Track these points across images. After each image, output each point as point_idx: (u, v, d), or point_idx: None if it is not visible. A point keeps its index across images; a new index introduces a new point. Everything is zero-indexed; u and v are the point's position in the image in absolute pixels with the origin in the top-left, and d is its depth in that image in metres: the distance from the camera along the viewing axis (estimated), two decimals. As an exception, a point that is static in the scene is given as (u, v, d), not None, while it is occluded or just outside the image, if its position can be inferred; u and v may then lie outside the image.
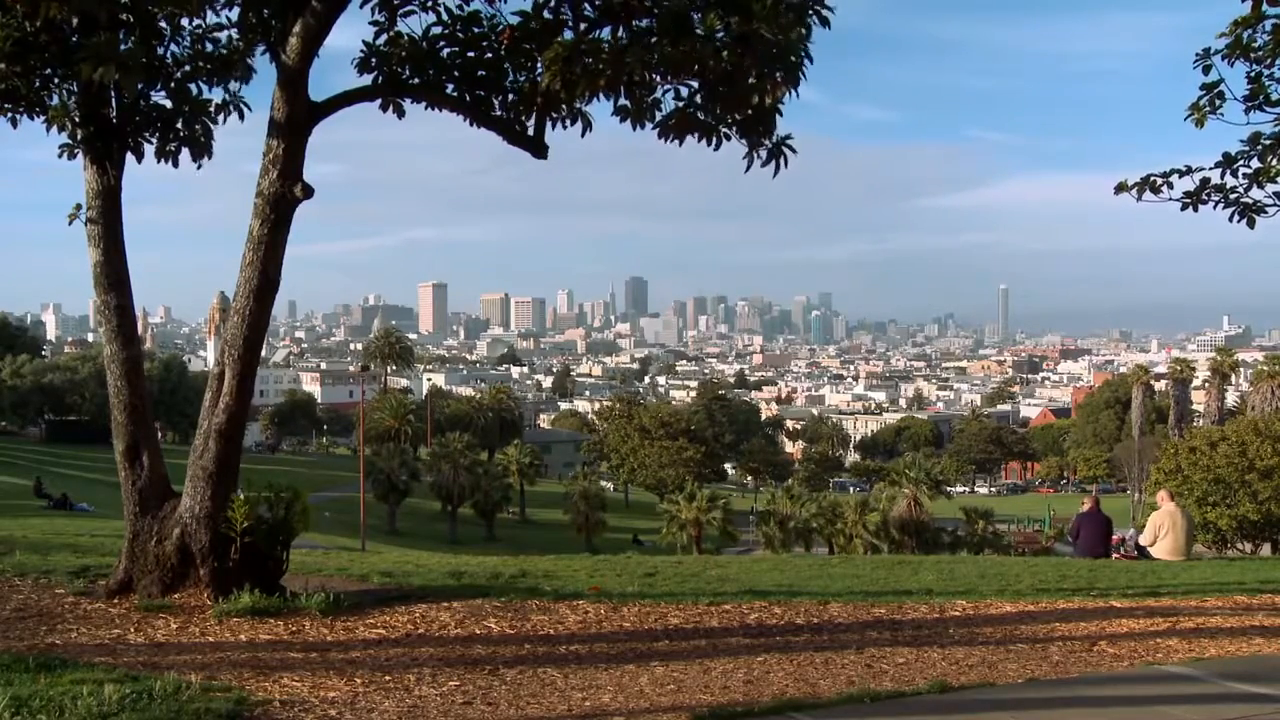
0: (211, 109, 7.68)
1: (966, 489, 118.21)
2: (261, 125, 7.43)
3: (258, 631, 6.87)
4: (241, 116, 7.77)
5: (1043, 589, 9.81)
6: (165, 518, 7.52)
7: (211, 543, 7.35)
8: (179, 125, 7.63)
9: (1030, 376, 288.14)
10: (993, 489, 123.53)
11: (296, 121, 7.30)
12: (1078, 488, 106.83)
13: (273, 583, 7.50)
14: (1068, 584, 10.27)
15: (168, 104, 7.63)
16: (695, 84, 6.88)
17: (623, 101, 6.81)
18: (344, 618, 7.29)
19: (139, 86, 7.32)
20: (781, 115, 6.84)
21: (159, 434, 8.83)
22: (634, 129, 6.82)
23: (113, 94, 7.45)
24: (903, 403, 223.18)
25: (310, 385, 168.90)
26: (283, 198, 7.34)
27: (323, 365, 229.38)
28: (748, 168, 6.99)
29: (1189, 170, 7.03)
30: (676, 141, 6.95)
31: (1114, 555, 15.06)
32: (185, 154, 7.72)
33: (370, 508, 53.00)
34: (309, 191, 7.34)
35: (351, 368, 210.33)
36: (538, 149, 7.51)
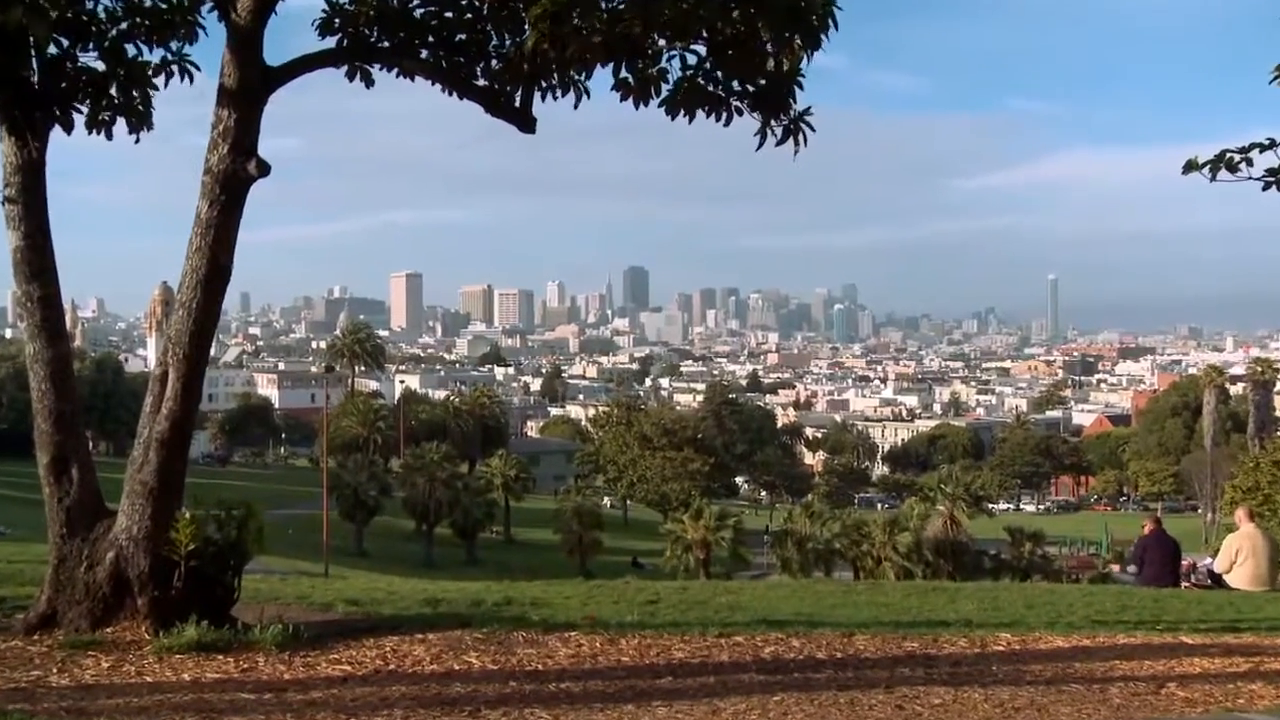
0: (150, 72, 7.55)
1: (1010, 506, 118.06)
2: (209, 93, 7.37)
3: (204, 669, 6.81)
4: (189, 79, 7.62)
5: (1100, 621, 9.76)
6: (97, 540, 7.43)
7: (151, 568, 7.29)
8: (113, 92, 7.49)
9: (1084, 379, 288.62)
10: (1041, 507, 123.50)
11: (250, 89, 7.26)
12: (1139, 506, 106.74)
13: (222, 613, 7.45)
14: (1129, 616, 10.20)
15: (100, 66, 7.46)
16: (703, 50, 6.86)
17: (624, 75, 6.77)
18: (304, 652, 7.25)
19: (66, 46, 7.27)
20: (802, 88, 6.81)
21: (90, 444, 8.71)
22: (637, 107, 6.77)
23: (33, 54, 7.34)
24: (937, 408, 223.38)
25: (267, 388, 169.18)
26: (234, 175, 7.31)
27: (281, 365, 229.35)
28: (760, 145, 6.95)
29: (1273, 144, 6.91)
30: (686, 118, 6.93)
31: (1183, 584, 14.99)
32: (121, 125, 7.61)
33: (335, 527, 52.98)
34: (265, 168, 7.31)
35: (314, 368, 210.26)
36: (525, 122, 7.49)
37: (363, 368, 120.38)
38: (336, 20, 7.50)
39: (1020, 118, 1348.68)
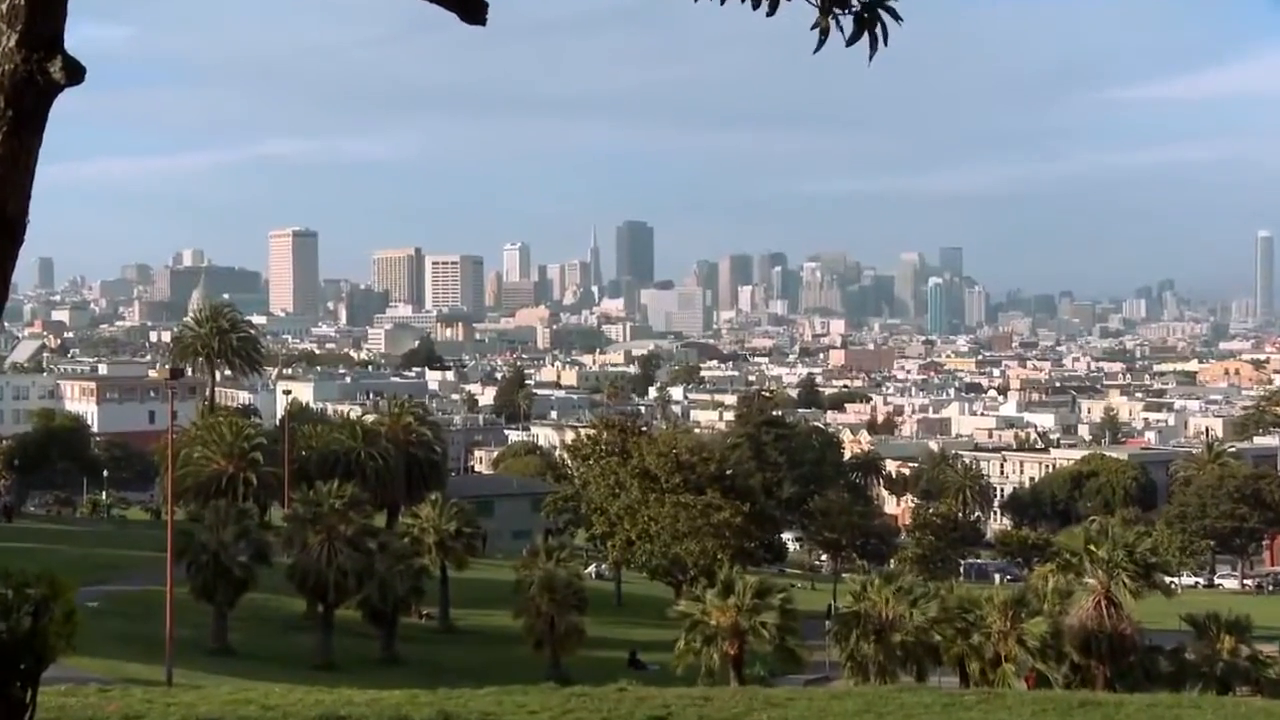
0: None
1: (1199, 581, 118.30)
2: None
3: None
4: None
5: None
6: None
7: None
8: None
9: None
10: (1247, 581, 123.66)
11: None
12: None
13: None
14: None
15: None
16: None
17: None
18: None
19: None
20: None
21: None
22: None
23: None
24: (1084, 431, 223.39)
25: (79, 401, 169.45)
26: (28, 81, 7.31)
27: (102, 368, 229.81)
28: (819, 44, 6.91)
29: None
30: None
31: None
32: None
33: (185, 610, 52.94)
34: (76, 72, 7.31)
35: (152, 372, 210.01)
36: (470, 6, 7.47)
37: (228, 371, 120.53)
38: None
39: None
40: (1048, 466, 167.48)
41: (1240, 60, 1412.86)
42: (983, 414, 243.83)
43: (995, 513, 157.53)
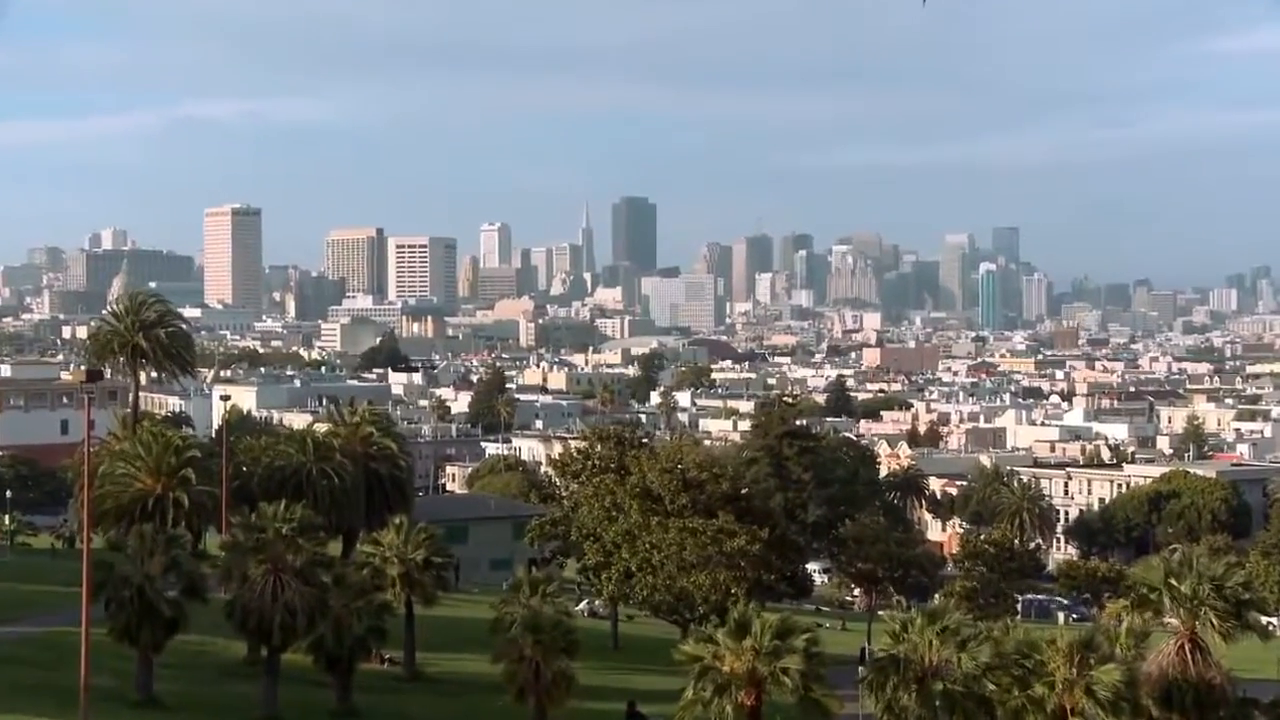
0: None
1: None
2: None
3: None
4: None
5: None
6: None
7: None
8: None
9: None
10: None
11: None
12: None
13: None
14: None
15: None
16: None
17: None
18: None
19: None
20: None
21: None
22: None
23: None
24: (1163, 444, 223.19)
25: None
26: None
27: (4, 369, 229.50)
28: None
29: None
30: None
31: None
32: None
33: (103, 655, 52.89)
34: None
35: (66, 374, 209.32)
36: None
37: (155, 373, 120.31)
38: None
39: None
40: (1120, 486, 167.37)
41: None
42: (1043, 424, 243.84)
43: (1058, 540, 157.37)
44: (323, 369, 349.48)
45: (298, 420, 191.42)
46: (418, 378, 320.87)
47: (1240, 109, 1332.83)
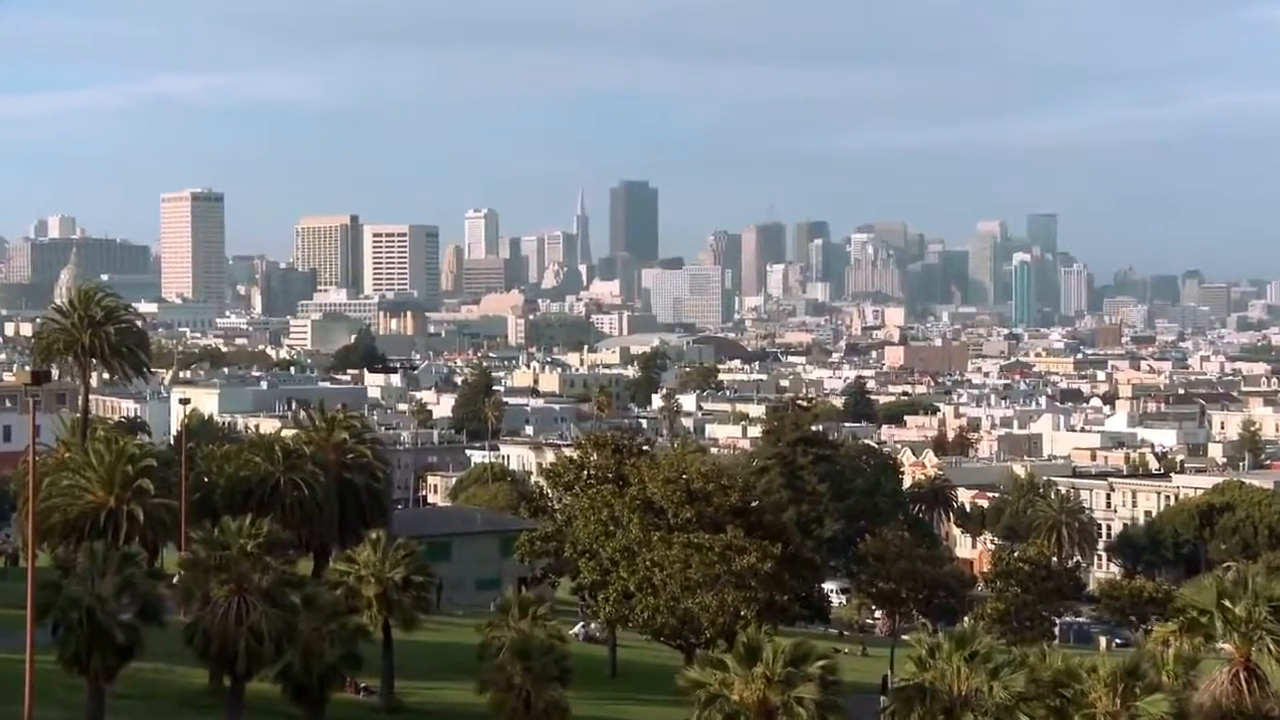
0: None
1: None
2: None
3: None
4: None
5: None
6: None
7: None
8: None
9: None
10: None
11: None
12: None
13: None
14: None
15: None
16: None
17: None
18: None
19: None
20: None
21: None
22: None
23: None
24: (1216, 452, 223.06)
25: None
26: None
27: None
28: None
29: None
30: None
31: None
32: None
33: (49, 684, 52.94)
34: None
35: (8, 375, 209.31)
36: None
37: (107, 375, 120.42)
38: None
39: None
40: (1168, 498, 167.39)
41: None
42: (1083, 429, 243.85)
43: (1100, 558, 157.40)
44: (292, 369, 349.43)
45: (265, 426, 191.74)
46: (396, 379, 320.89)
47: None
